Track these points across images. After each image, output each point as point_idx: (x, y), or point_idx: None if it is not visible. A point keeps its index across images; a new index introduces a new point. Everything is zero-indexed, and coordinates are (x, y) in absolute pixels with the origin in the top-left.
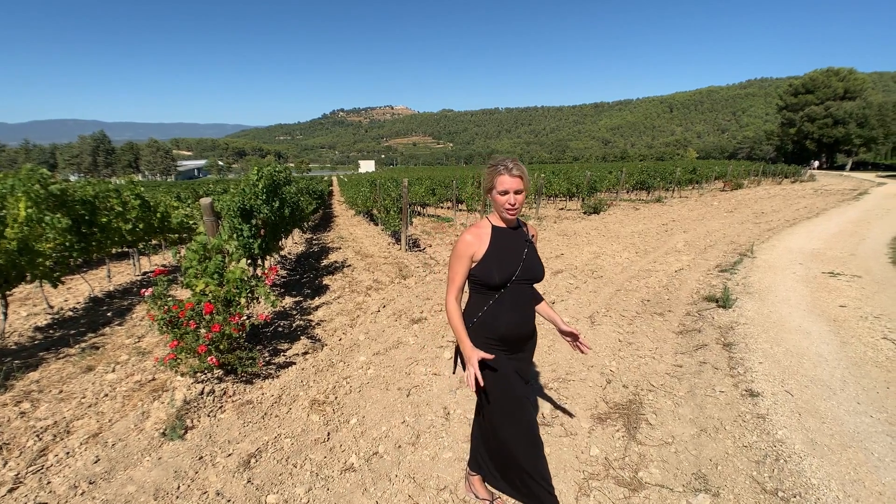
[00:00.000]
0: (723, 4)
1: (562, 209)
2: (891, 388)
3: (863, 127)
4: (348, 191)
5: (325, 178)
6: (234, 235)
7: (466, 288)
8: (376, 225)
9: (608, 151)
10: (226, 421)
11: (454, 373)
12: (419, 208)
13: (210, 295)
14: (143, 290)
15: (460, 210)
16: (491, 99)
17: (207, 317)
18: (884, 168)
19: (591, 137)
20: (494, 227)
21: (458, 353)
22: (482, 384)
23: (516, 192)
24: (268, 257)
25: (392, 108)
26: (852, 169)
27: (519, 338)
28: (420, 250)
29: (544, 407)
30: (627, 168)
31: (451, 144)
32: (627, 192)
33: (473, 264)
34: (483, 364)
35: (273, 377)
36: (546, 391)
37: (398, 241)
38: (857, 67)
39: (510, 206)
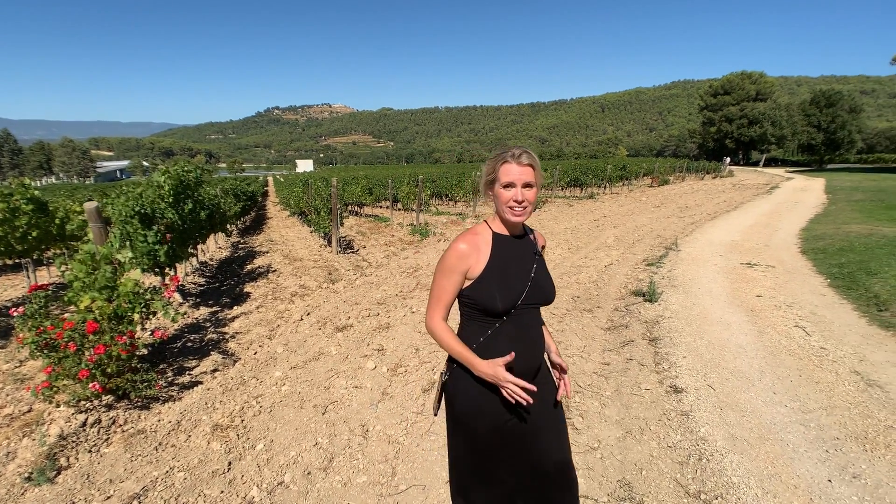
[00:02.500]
0: (647, 9)
1: None
2: (802, 376)
3: (774, 126)
4: (283, 191)
5: (260, 179)
6: (129, 243)
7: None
8: (309, 226)
9: (545, 150)
10: (110, 456)
11: (436, 415)
12: (356, 208)
13: (97, 311)
14: (13, 308)
15: (397, 209)
16: (431, 98)
17: (91, 337)
18: (791, 164)
19: (528, 136)
20: (496, 235)
21: (443, 390)
22: (534, 388)
23: (525, 186)
24: (180, 265)
25: (330, 107)
26: (765, 165)
27: (527, 371)
28: (353, 252)
29: None
30: (562, 166)
31: (392, 143)
32: (562, 189)
33: (468, 282)
34: (482, 393)
35: (174, 400)
36: None
37: (330, 242)
38: (767, 71)
39: (516, 204)
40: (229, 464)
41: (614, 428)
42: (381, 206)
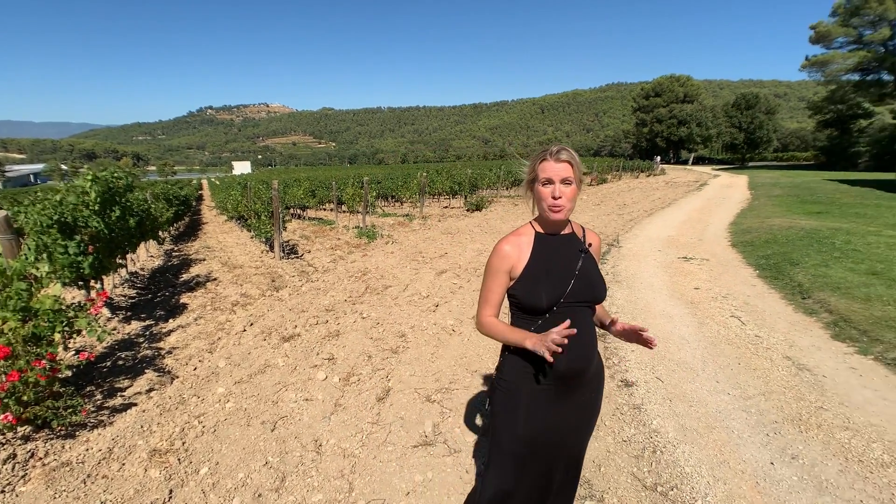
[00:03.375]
0: (583, 12)
1: (446, 207)
2: (741, 364)
3: (701, 126)
4: (219, 195)
5: (193, 182)
6: (47, 256)
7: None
8: (249, 231)
9: (488, 150)
10: (28, 495)
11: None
12: (299, 211)
13: (10, 334)
14: None
15: (342, 212)
16: (373, 97)
17: (2, 363)
18: (717, 162)
19: (471, 137)
20: (538, 234)
21: (493, 389)
22: (573, 331)
23: (564, 183)
24: (107, 277)
25: (268, 106)
26: (693, 163)
27: (573, 374)
28: (297, 257)
29: (426, 425)
30: (506, 166)
31: (334, 144)
32: (507, 188)
33: (512, 281)
34: (513, 384)
35: (104, 425)
36: (429, 404)
37: (272, 248)
38: (693, 75)
39: (554, 201)
40: (170, 492)
41: None
42: (324, 209)
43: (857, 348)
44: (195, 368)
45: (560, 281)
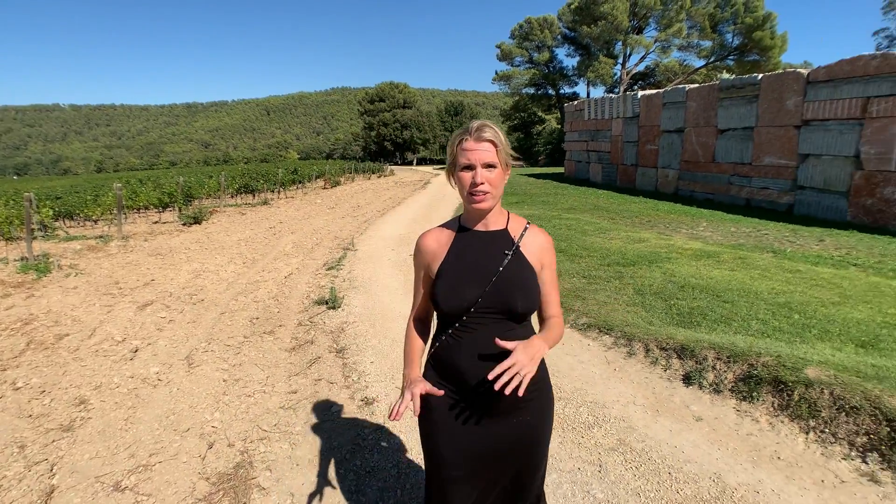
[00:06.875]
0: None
1: (156, 223)
2: None
3: (420, 130)
4: None
5: None
6: None
7: None
8: None
9: (210, 155)
10: None
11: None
12: None
13: None
14: None
15: None
16: (49, 92)
17: None
18: (437, 162)
19: (188, 140)
20: (461, 228)
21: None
22: (416, 412)
23: (486, 167)
24: None
25: None
26: (418, 164)
27: (477, 398)
28: None
29: None
30: (229, 171)
31: None
32: (232, 196)
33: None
34: (427, 406)
35: None
36: (119, 493)
37: None
38: (410, 83)
39: (474, 188)
40: None
41: (308, 472)
42: None
43: None
44: None
45: (473, 286)
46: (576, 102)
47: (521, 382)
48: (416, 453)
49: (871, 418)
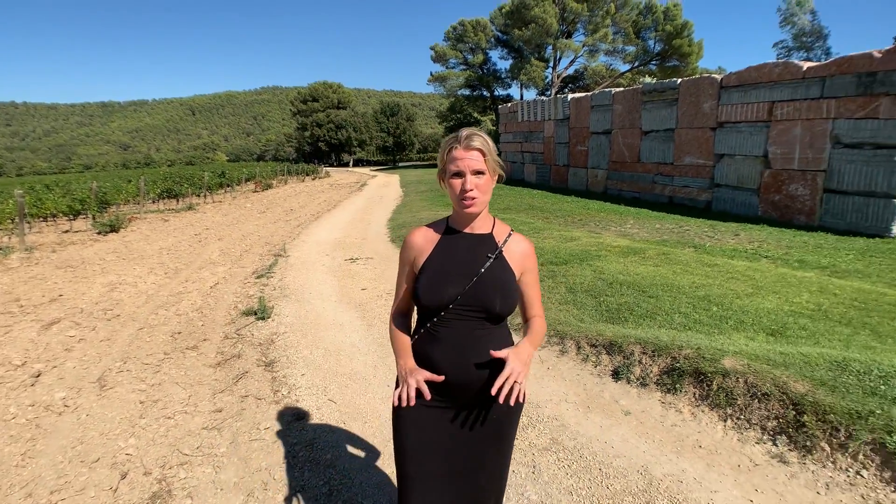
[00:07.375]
0: (234, 11)
1: (66, 232)
2: None
3: (356, 131)
4: None
5: None
6: None
7: None
8: None
9: (130, 157)
10: None
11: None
12: None
13: None
14: None
15: None
16: None
17: None
18: (374, 163)
19: (105, 142)
20: (448, 229)
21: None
22: (427, 396)
23: (475, 174)
24: None
25: None
26: (354, 165)
27: (458, 386)
28: None
29: None
30: (149, 175)
31: None
32: (154, 201)
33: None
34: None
35: None
36: None
37: None
38: (344, 83)
39: (465, 194)
40: None
41: (234, 495)
42: None
43: None
44: None
45: (454, 283)
46: (510, 104)
47: (521, 390)
48: (348, 469)
49: (779, 403)
